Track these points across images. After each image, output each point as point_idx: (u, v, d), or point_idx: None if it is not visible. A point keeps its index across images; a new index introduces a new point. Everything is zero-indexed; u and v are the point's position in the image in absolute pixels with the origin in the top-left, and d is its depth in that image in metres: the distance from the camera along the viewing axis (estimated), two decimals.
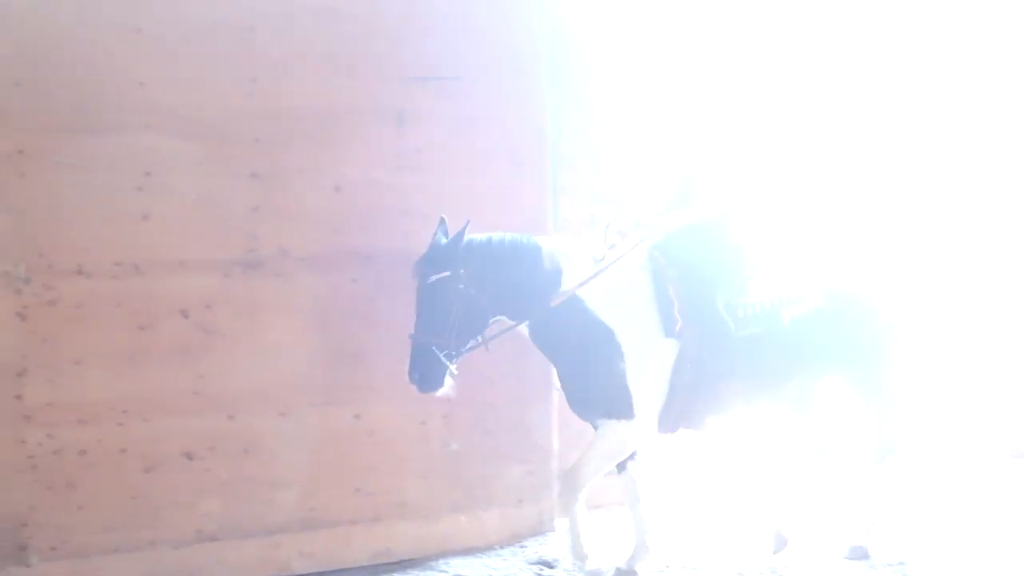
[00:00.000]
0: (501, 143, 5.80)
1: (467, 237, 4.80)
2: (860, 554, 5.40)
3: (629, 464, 5.12)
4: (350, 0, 5.31)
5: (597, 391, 4.92)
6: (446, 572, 5.39)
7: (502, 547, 5.77)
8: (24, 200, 4.79)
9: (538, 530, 5.94)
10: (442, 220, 4.85)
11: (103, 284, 4.91)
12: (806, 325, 5.14)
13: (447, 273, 4.74)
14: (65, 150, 4.85)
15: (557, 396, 5.59)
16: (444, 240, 4.80)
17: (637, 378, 4.87)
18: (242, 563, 5.17)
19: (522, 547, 5.75)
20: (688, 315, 4.91)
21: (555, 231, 5.96)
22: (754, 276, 5.14)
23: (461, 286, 4.75)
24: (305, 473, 5.30)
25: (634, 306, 4.95)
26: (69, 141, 4.85)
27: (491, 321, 4.91)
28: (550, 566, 5.43)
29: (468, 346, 4.85)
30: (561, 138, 6.04)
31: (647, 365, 4.90)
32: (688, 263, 5.01)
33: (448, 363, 4.73)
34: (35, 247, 4.82)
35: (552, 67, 5.98)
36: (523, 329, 4.97)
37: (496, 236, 4.94)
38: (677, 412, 5.02)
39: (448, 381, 4.74)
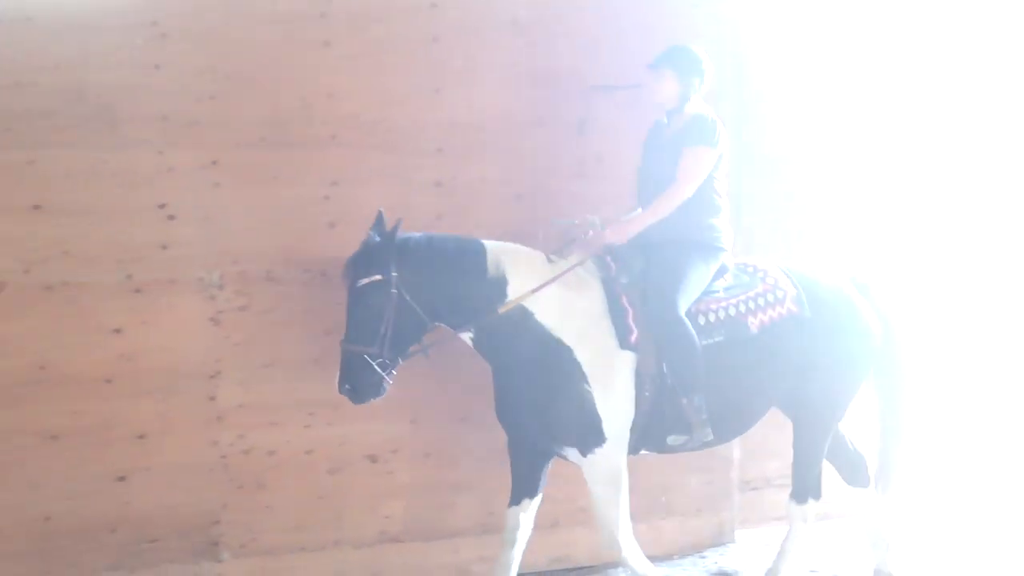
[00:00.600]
0: None
1: (403, 236, 4.23)
2: None
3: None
4: (532, 11, 5.01)
5: (561, 417, 4.28)
6: None
7: (681, 557, 5.37)
8: (218, 210, 4.72)
9: (718, 540, 5.49)
10: (379, 215, 4.27)
11: (292, 290, 4.77)
12: (778, 333, 4.46)
13: (379, 277, 4.14)
14: (256, 162, 4.73)
15: None
16: (377, 239, 4.22)
17: (604, 398, 4.25)
18: (423, 565, 4.94)
19: (702, 557, 5.34)
20: (643, 325, 4.29)
21: (737, 239, 5.39)
22: (719, 279, 4.53)
23: (394, 291, 4.14)
24: (484, 478, 5.00)
25: (586, 317, 4.31)
26: (260, 153, 4.73)
27: (430, 328, 4.31)
28: None
29: (405, 354, 4.28)
30: (743, 146, 5.45)
31: (611, 382, 4.26)
32: (642, 269, 4.38)
33: (383, 372, 4.16)
34: (228, 255, 4.71)
35: (733, 78, 5.48)
36: (466, 338, 4.37)
37: (436, 236, 4.39)
38: (640, 432, 4.37)
39: (385, 389, 4.21)
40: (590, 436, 4.27)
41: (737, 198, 5.17)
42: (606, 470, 4.34)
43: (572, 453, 4.38)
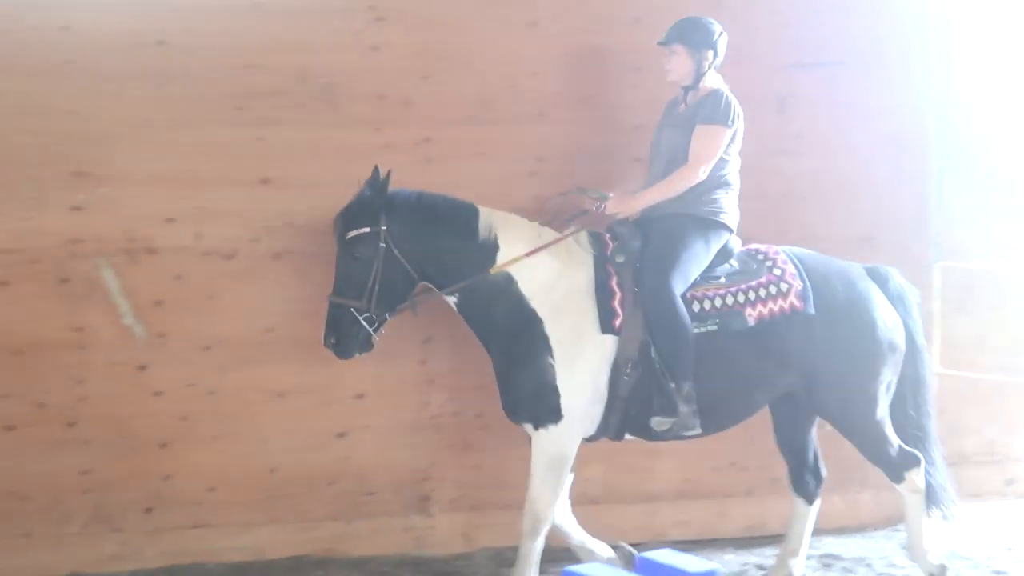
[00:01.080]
0: (882, 128, 5.10)
1: (394, 190, 4.07)
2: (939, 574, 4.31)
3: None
4: None
5: (522, 387, 4.07)
6: (818, 549, 4.80)
7: (875, 529, 5.15)
8: (429, 184, 4.69)
9: None
10: (375, 170, 4.06)
11: None
12: (777, 329, 4.09)
13: (367, 229, 3.99)
14: (466, 138, 4.76)
15: (936, 382, 4.74)
16: (368, 193, 4.05)
17: (567, 376, 3.99)
18: (622, 526, 4.80)
19: (896, 531, 5.02)
20: (631, 308, 3.99)
21: (937, 218, 5.24)
22: (722, 263, 4.19)
23: (382, 244, 3.98)
24: (681, 446, 4.84)
25: (568, 293, 4.06)
26: (470, 129, 4.76)
27: (418, 286, 4.15)
28: None
29: (393, 311, 4.11)
30: (946, 124, 5.23)
31: (579, 362, 4.00)
32: (639, 248, 4.08)
33: (369, 327, 4.01)
34: None
35: (938, 54, 5.21)
36: (451, 301, 4.18)
37: (428, 193, 4.18)
38: (621, 416, 4.08)
39: (373, 345, 4.08)
40: (545, 411, 4.03)
41: (938, 176, 5.01)
42: (553, 449, 4.08)
43: (527, 426, 4.15)
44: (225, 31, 4.51)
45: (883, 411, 4.26)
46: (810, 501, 4.35)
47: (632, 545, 4.57)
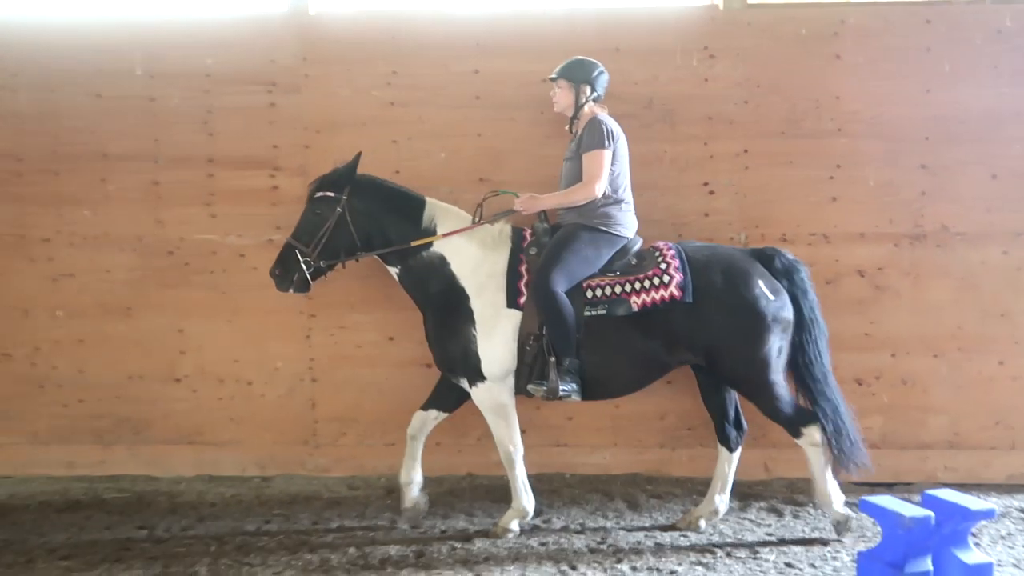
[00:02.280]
0: None
1: (370, 177, 4.52)
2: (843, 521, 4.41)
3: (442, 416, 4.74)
4: (1017, 22, 5.04)
5: (453, 351, 4.39)
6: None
7: None
8: (746, 187, 5.20)
9: None
10: (357, 156, 4.47)
11: (800, 249, 5.02)
12: (656, 313, 4.27)
13: (331, 194, 4.40)
14: (776, 150, 5.16)
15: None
16: (342, 169, 4.45)
17: (486, 344, 4.32)
18: (897, 469, 5.18)
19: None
20: (533, 290, 4.24)
21: None
22: (620, 259, 4.41)
23: (339, 210, 4.37)
24: (953, 404, 5.18)
25: (488, 275, 4.38)
26: (780, 143, 5.16)
27: (358, 253, 4.47)
28: None
29: (331, 265, 4.47)
30: None
31: (494, 332, 4.32)
32: (548, 242, 4.39)
33: (307, 271, 4.37)
34: (753, 221, 5.22)
35: None
36: (393, 272, 4.57)
37: (390, 182, 4.60)
38: (526, 381, 4.32)
39: (309, 288, 4.45)
40: (473, 372, 4.37)
41: None
42: (489, 402, 4.43)
43: (463, 382, 4.47)
44: None
45: (776, 375, 4.33)
46: (731, 449, 4.58)
47: (905, 484, 5.01)
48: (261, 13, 5.34)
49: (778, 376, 4.35)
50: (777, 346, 4.32)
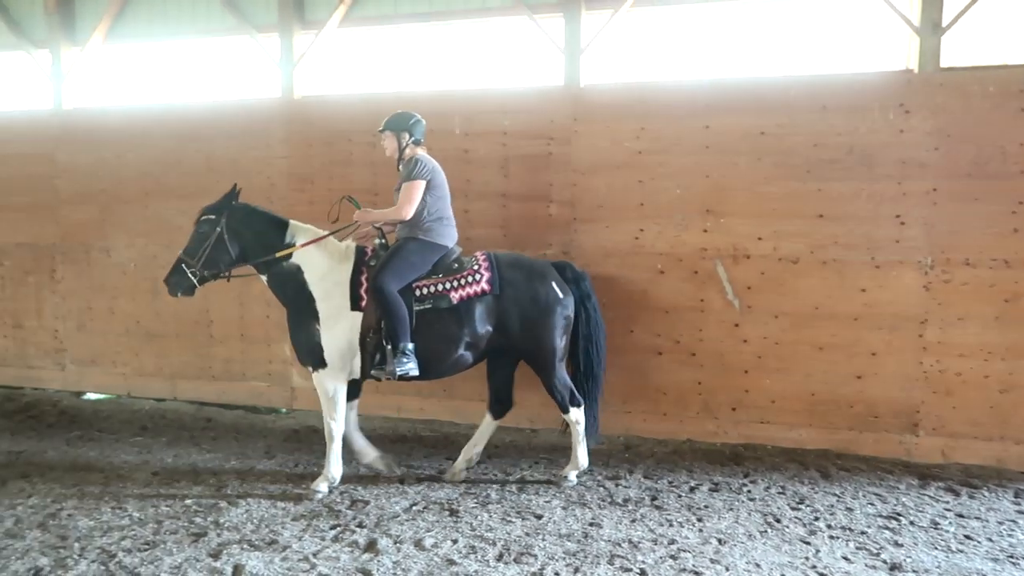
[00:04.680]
0: None
1: (244, 204, 4.60)
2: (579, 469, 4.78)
3: (355, 402, 4.85)
4: None
5: (302, 343, 4.49)
6: None
7: None
8: (935, 219, 5.13)
9: None
10: (235, 185, 4.65)
11: (981, 272, 5.04)
12: (471, 305, 4.47)
13: (212, 216, 4.52)
14: (963, 189, 5.05)
15: None
16: (223, 198, 4.59)
17: (328, 338, 4.43)
18: None
19: None
20: (371, 290, 4.37)
21: None
22: (443, 264, 4.57)
23: (218, 229, 4.50)
24: None
25: (334, 283, 4.47)
26: (966, 183, 5.04)
27: (235, 264, 4.59)
28: None
29: (212, 273, 4.56)
30: None
31: (336, 329, 4.42)
32: (386, 253, 4.50)
33: (193, 279, 4.52)
34: (939, 247, 5.14)
35: None
36: (263, 279, 4.67)
37: (261, 208, 4.69)
38: (369, 366, 4.46)
39: (194, 291, 4.57)
40: (315, 360, 4.47)
41: None
42: (324, 386, 4.50)
43: (309, 369, 4.55)
44: (801, 123, 5.25)
45: (559, 361, 4.63)
46: (496, 417, 4.90)
47: None
48: (544, 86, 5.93)
49: (559, 361, 4.63)
50: (561, 335, 4.61)
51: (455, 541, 4.01)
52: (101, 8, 7.04)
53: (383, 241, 4.62)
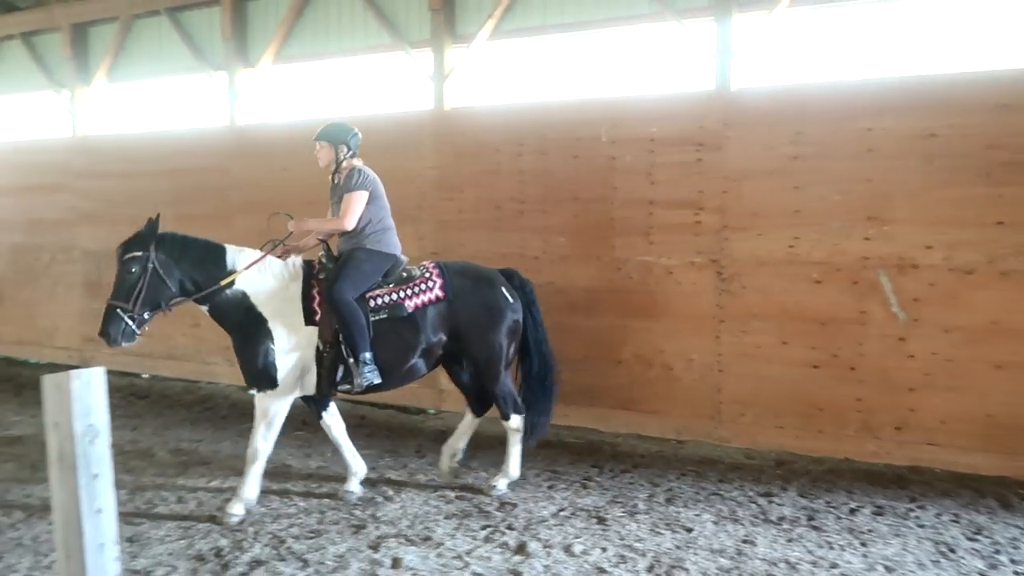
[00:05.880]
0: None
1: (171, 233, 4.31)
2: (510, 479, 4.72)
3: (324, 415, 4.70)
4: None
5: (253, 364, 4.28)
6: None
7: None
8: None
9: None
10: (157, 216, 4.32)
11: None
12: (426, 313, 4.45)
13: (140, 253, 4.17)
14: None
15: None
16: (145, 230, 4.26)
17: (282, 358, 4.28)
18: None
19: None
20: (326, 308, 4.30)
21: None
22: (393, 274, 4.52)
23: (150, 265, 4.16)
24: None
25: (284, 301, 4.34)
26: None
27: (174, 298, 4.28)
28: None
29: (151, 312, 4.22)
30: None
31: (290, 348, 4.29)
32: (334, 267, 4.40)
33: (131, 323, 4.15)
34: None
35: None
36: (204, 310, 4.41)
37: (192, 236, 4.40)
38: (327, 381, 4.34)
39: (136, 337, 4.19)
40: (266, 380, 4.30)
41: None
42: (265, 406, 4.35)
43: (253, 391, 4.40)
44: (976, 123, 4.90)
45: (504, 365, 4.65)
46: (478, 415, 4.93)
47: None
48: (693, 91, 5.85)
49: (505, 367, 4.66)
50: (509, 341, 4.62)
51: (604, 549, 3.99)
52: (270, 33, 7.58)
53: (328, 252, 4.54)
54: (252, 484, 4.42)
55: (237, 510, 4.35)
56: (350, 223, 4.43)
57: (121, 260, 4.22)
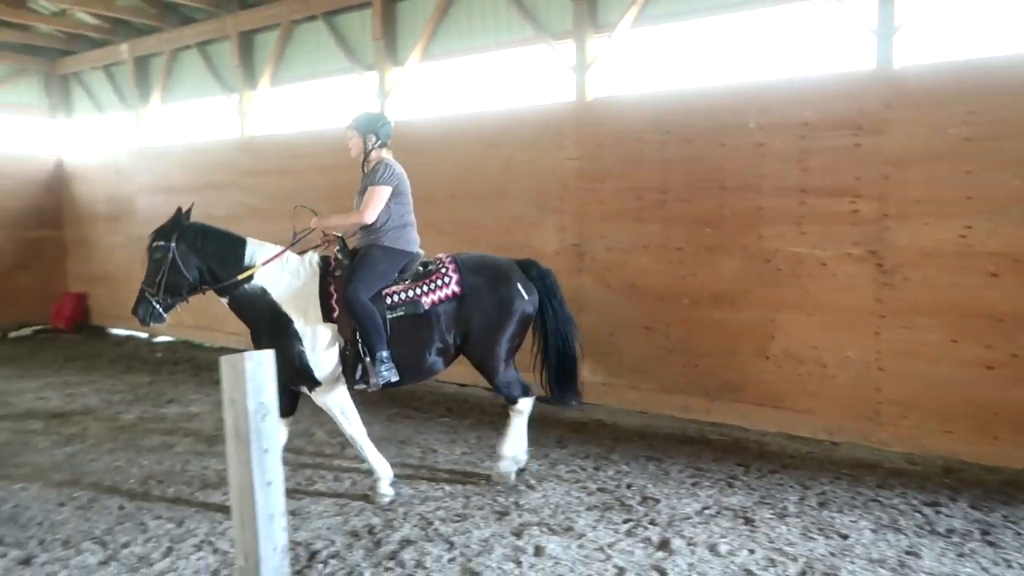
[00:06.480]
0: None
1: (196, 224, 4.39)
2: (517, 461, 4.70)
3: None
4: None
5: (287, 366, 4.18)
6: None
7: None
8: None
9: None
10: (179, 208, 4.45)
11: None
12: (443, 308, 4.40)
13: (163, 243, 4.30)
14: None
15: None
16: (170, 221, 4.37)
17: (313, 356, 4.30)
18: None
19: None
20: (344, 302, 4.22)
21: None
22: (409, 270, 4.45)
23: (171, 255, 4.28)
24: None
25: (304, 299, 4.32)
26: None
27: (195, 287, 4.38)
28: None
29: (176, 299, 4.37)
30: None
31: (317, 345, 4.29)
32: (350, 264, 4.34)
33: (158, 307, 4.33)
34: None
35: None
36: (224, 302, 4.42)
37: (215, 227, 4.44)
38: (352, 375, 4.33)
39: (164, 319, 4.35)
40: (308, 380, 4.35)
41: None
42: (330, 402, 4.41)
43: (304, 389, 4.42)
44: None
45: (504, 359, 4.58)
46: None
47: None
48: (851, 71, 5.49)
49: (505, 361, 4.58)
50: (518, 333, 4.58)
51: (752, 551, 3.87)
52: (418, 32, 7.84)
53: (344, 248, 4.50)
54: (378, 461, 4.55)
55: (387, 490, 4.52)
56: (370, 217, 4.39)
57: (148, 248, 4.41)
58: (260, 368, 2.14)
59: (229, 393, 2.16)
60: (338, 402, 4.45)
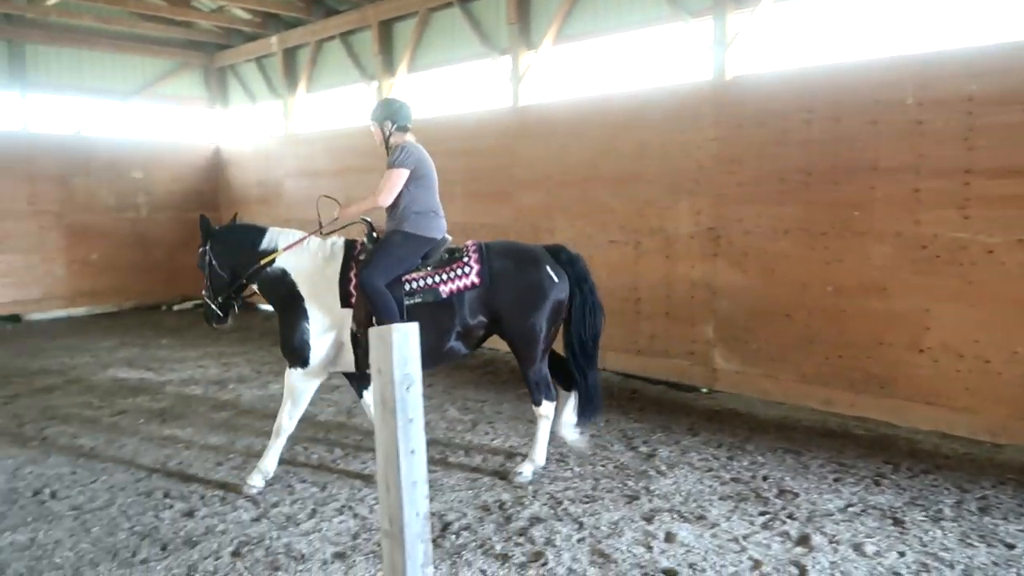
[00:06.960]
0: None
1: (219, 225, 4.65)
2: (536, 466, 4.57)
3: (365, 394, 4.76)
4: None
5: (290, 341, 4.33)
6: None
7: None
8: None
9: None
10: (201, 215, 4.72)
11: None
12: (463, 297, 4.32)
13: (201, 249, 4.58)
14: None
15: None
16: (202, 228, 4.56)
17: (316, 338, 4.33)
18: None
19: None
20: (360, 286, 4.21)
21: None
22: (432, 256, 4.40)
23: (207, 258, 4.53)
24: None
25: (323, 282, 4.37)
26: None
27: (234, 283, 4.55)
28: None
29: (229, 302, 4.59)
30: None
31: (325, 329, 4.34)
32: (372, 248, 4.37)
33: (217, 310, 4.55)
34: None
35: None
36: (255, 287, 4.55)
37: (237, 224, 4.66)
38: (365, 359, 4.22)
39: (224, 320, 4.60)
40: (298, 358, 4.35)
41: None
42: (293, 383, 4.39)
43: (286, 364, 4.39)
44: None
45: (542, 349, 4.43)
46: (566, 389, 4.72)
47: None
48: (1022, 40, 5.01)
49: (542, 350, 4.44)
50: (550, 323, 4.41)
51: (902, 554, 3.64)
52: (551, 14, 7.83)
53: (372, 234, 4.45)
54: (272, 458, 4.49)
55: (256, 482, 4.43)
56: (384, 200, 4.35)
57: (198, 255, 4.69)
58: (405, 340, 2.21)
59: (376, 363, 2.23)
60: (302, 391, 4.42)
